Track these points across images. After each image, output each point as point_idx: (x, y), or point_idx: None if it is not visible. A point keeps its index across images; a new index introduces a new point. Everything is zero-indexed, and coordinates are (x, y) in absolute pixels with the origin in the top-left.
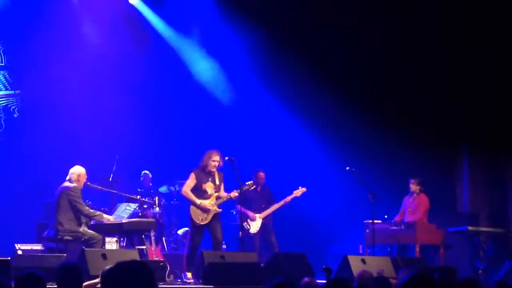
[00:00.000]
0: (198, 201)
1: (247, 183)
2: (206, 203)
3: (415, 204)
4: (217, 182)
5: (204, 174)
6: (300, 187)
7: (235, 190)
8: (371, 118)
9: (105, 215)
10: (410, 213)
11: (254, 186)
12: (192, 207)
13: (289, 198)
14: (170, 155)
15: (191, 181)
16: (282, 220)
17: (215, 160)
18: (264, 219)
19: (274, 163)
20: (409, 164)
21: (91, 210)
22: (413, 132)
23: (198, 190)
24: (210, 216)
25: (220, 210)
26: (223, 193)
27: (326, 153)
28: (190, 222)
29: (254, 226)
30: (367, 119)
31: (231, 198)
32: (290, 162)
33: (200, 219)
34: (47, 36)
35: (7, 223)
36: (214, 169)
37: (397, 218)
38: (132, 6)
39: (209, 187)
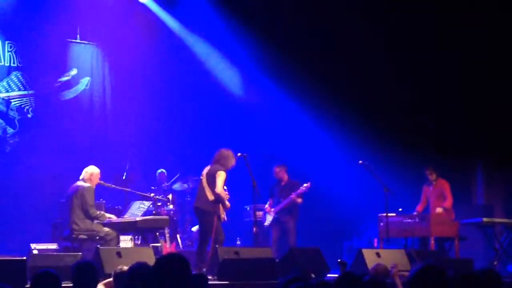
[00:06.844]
0: (227, 202)
1: (304, 184)
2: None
3: (438, 190)
4: None
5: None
6: (305, 184)
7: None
8: (386, 111)
9: (107, 214)
10: (435, 201)
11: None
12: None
13: (293, 195)
14: (183, 152)
15: (224, 180)
16: (299, 216)
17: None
18: (281, 216)
19: (287, 158)
20: (424, 156)
21: (96, 211)
22: (428, 125)
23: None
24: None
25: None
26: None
27: (339, 148)
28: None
29: (268, 219)
30: (381, 113)
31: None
32: (304, 157)
33: (223, 217)
34: (59, 35)
35: (22, 223)
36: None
37: (418, 208)
38: (142, 4)
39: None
